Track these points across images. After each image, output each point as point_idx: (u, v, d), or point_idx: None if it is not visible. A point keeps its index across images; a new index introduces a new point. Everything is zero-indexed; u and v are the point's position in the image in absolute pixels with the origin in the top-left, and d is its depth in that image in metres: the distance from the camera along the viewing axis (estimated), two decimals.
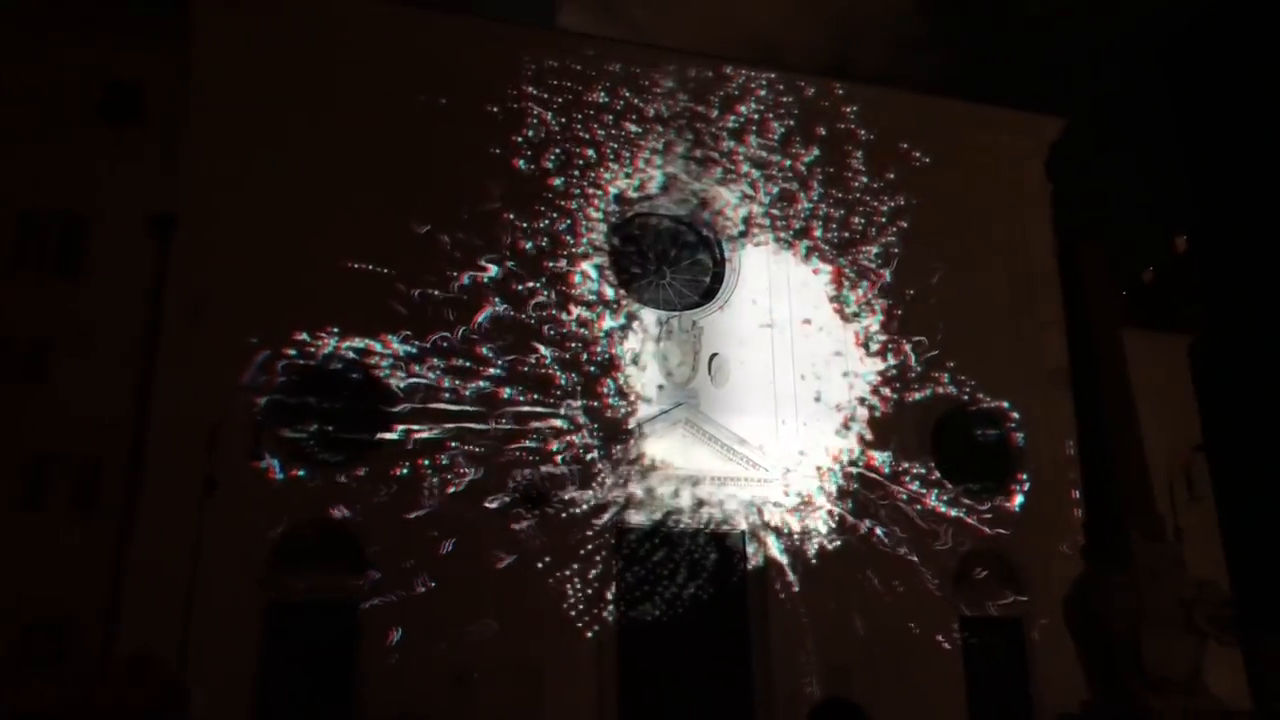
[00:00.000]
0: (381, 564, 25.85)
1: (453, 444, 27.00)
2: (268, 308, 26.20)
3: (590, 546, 27.58)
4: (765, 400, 30.31)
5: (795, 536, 29.13)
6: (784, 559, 28.91)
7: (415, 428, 26.91)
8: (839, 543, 29.21)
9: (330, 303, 26.73)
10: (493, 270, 28.47)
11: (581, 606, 27.07)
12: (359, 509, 25.95)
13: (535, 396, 27.99)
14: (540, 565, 26.65)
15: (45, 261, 26.85)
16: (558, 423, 28.06)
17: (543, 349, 28.47)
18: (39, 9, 28.00)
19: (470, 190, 28.80)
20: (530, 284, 28.77)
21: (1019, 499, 31.69)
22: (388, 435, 26.80)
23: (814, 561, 28.90)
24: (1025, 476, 31.89)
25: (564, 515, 27.40)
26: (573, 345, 28.83)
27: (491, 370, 27.81)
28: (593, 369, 28.91)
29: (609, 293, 29.99)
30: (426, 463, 26.65)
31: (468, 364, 27.67)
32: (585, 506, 27.75)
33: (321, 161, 27.73)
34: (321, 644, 25.15)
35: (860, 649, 28.25)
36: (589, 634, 26.98)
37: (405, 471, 26.46)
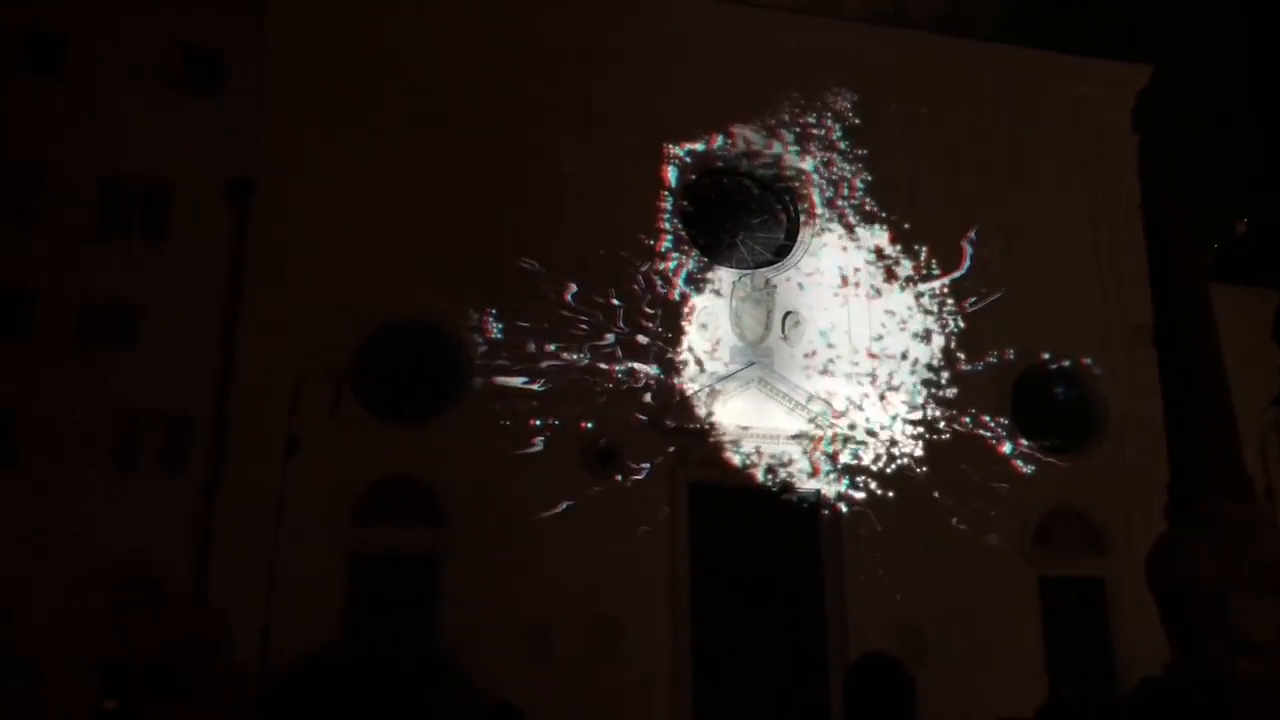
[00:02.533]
0: (461, 519, 26.32)
1: (530, 401, 27.27)
2: (346, 269, 26.60)
3: (664, 505, 27.73)
4: (839, 359, 30.01)
5: (869, 495, 28.92)
6: (858, 518, 28.73)
7: (494, 382, 27.22)
8: (914, 501, 28.91)
9: (407, 264, 27.04)
10: (568, 232, 28.47)
11: (656, 563, 27.26)
12: (439, 464, 26.41)
13: (611, 354, 28.08)
14: (616, 522, 26.87)
15: (130, 227, 27.54)
16: (632, 381, 28.15)
17: (618, 307, 28.49)
18: None
19: (545, 150, 28.80)
20: (605, 243, 28.73)
21: (1101, 457, 31.04)
22: (466, 392, 27.17)
23: (889, 520, 28.66)
24: (1108, 434, 31.20)
25: (638, 472, 27.55)
26: (647, 304, 28.80)
27: (568, 329, 27.93)
28: (667, 328, 28.89)
29: (683, 251, 29.85)
30: (501, 421, 26.97)
31: (544, 323, 27.82)
32: (659, 464, 27.87)
33: (397, 127, 27.97)
34: (403, 598, 25.70)
35: (936, 609, 28.00)
36: (664, 590, 27.19)
37: (484, 428, 26.81)
